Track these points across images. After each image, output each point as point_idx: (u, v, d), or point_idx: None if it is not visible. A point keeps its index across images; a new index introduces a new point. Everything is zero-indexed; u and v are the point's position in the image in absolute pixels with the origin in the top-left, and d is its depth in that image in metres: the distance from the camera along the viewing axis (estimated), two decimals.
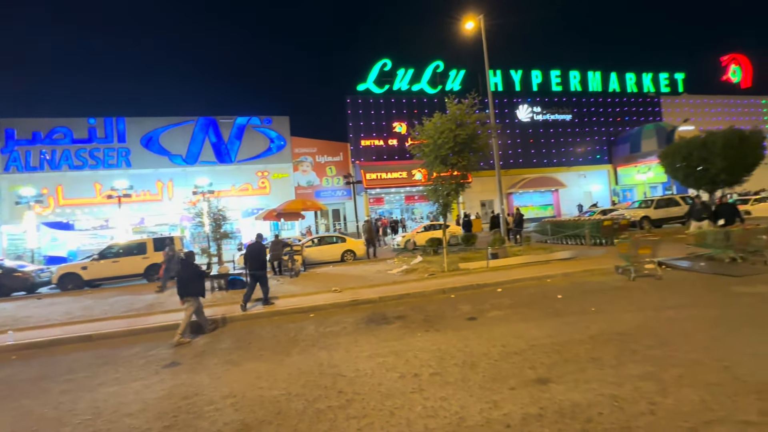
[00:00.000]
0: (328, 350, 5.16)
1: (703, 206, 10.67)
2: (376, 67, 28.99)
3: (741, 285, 6.65)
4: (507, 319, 5.91)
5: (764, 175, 32.35)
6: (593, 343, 4.52)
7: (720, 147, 12.82)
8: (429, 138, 11.34)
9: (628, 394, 3.28)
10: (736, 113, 35.38)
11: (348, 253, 15.58)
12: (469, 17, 15.87)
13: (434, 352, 4.70)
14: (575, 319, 5.55)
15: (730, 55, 36.47)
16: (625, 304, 6.14)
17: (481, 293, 7.83)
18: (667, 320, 5.15)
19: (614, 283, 7.65)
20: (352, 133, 28.55)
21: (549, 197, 32.19)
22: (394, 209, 31.97)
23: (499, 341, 4.86)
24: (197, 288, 6.54)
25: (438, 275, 9.64)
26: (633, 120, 33.66)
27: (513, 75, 31.75)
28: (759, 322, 4.80)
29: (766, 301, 5.66)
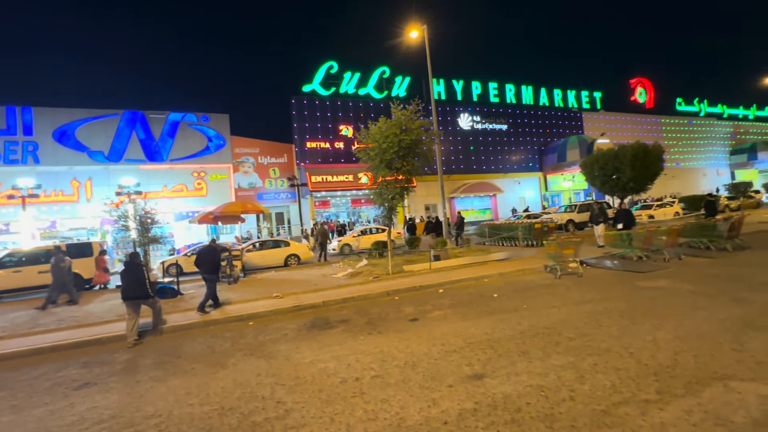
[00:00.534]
0: (267, 359, 4.95)
1: (600, 211, 12.01)
2: (322, 69, 28.66)
3: (644, 280, 7.56)
4: (447, 318, 6.12)
5: (665, 184, 37.29)
6: (523, 338, 4.85)
7: (629, 158, 14.55)
8: (375, 142, 11.45)
9: (552, 383, 3.55)
10: (642, 129, 40.37)
11: (292, 258, 15.15)
12: (413, 26, 16.33)
13: (376, 354, 4.72)
14: (508, 316, 5.92)
15: (637, 79, 41.58)
16: (552, 300, 6.68)
17: (424, 294, 8.05)
18: (585, 313, 5.69)
19: (543, 281, 8.29)
20: (297, 135, 27.88)
21: (488, 202, 34.09)
22: (340, 212, 31.77)
23: (439, 340, 5.02)
24: (143, 290, 6.43)
25: (383, 278, 9.73)
26: (560, 132, 36.92)
27: (455, 85, 33.24)
28: (658, 312, 5.48)
29: (663, 293, 6.48)
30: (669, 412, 2.93)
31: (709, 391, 3.21)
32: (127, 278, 6.43)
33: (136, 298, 6.36)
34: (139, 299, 6.39)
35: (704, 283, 6.94)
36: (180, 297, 10.01)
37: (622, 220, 10.98)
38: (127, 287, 6.39)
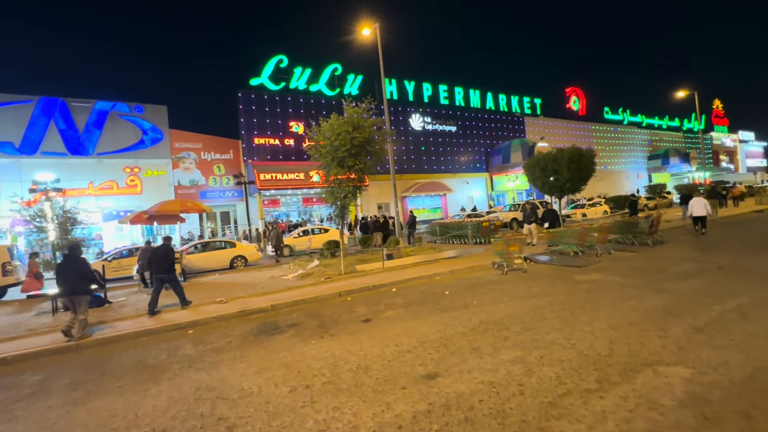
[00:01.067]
0: (208, 371, 4.56)
1: (532, 211, 12.79)
2: (271, 63, 27.58)
3: (581, 274, 8.12)
4: (400, 318, 6.08)
5: (595, 186, 40.74)
6: (474, 334, 4.94)
7: (566, 161, 15.65)
8: (326, 139, 11.18)
9: (502, 379, 3.62)
10: (576, 135, 43.82)
11: (239, 260, 14.37)
12: (365, 24, 16.21)
13: (328, 359, 4.54)
14: (459, 313, 6.02)
15: (571, 88, 45.04)
16: (500, 295, 6.92)
17: (377, 294, 7.97)
18: (531, 308, 5.95)
19: (491, 278, 8.59)
20: (244, 130, 26.56)
21: (438, 201, 35.01)
22: (291, 212, 30.83)
23: (393, 341, 4.95)
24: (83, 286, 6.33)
25: (335, 278, 9.51)
26: (504, 135, 38.92)
27: (407, 85, 33.69)
28: (594, 304, 5.87)
29: (598, 286, 6.98)
30: (608, 400, 3.10)
31: (641, 377, 3.45)
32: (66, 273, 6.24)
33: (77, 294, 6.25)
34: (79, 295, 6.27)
35: (631, 275, 7.59)
36: (108, 306, 9.03)
37: (548, 219, 11.81)
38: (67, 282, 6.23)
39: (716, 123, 58.58)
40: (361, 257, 12.33)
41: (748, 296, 5.54)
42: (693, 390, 3.13)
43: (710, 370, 3.43)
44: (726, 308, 5.10)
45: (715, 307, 5.17)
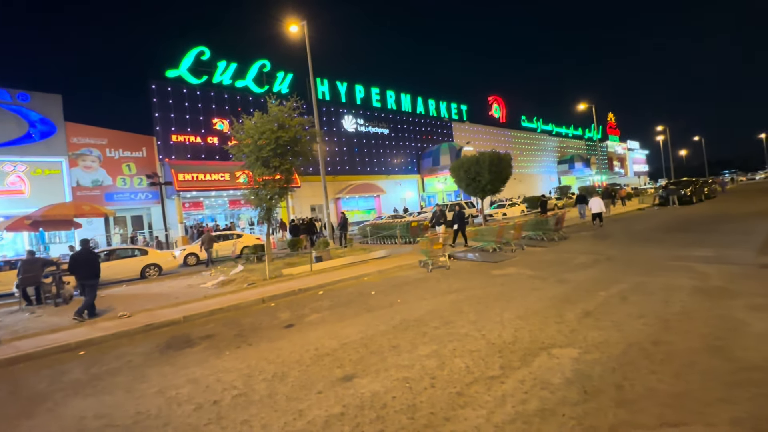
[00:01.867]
0: (100, 396, 4.02)
1: (441, 213, 13.44)
2: (191, 54, 25.52)
3: (497, 269, 8.74)
4: (325, 321, 5.97)
5: (514, 187, 44.31)
6: (395, 332, 5.02)
7: (487, 164, 16.78)
8: (249, 138, 10.64)
9: (416, 374, 3.71)
10: (498, 140, 47.40)
11: (151, 268, 13.01)
12: (293, 21, 15.77)
13: (242, 370, 4.27)
14: (384, 312, 6.08)
15: (493, 96, 48.65)
16: (423, 293, 7.15)
17: (303, 298, 7.75)
18: (450, 303, 6.23)
19: (417, 276, 8.86)
20: (159, 126, 24.20)
21: (372, 202, 35.35)
22: (217, 215, 28.86)
23: (313, 345, 4.83)
24: None
25: (259, 284, 9.05)
26: (434, 138, 40.64)
27: (339, 86, 33.51)
28: (506, 296, 6.34)
29: (511, 279, 7.56)
30: (508, 384, 3.33)
31: (538, 360, 3.78)
32: None
33: None
34: None
35: (540, 268, 8.35)
36: None
37: (456, 221, 12.48)
38: None
39: (610, 133, 67.55)
40: (290, 260, 11.91)
41: (629, 282, 6.41)
42: (578, 368, 3.51)
43: (593, 349, 3.88)
44: (610, 293, 5.84)
45: (602, 293, 5.89)
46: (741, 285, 5.59)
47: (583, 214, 18.16)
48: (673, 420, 2.63)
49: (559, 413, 2.82)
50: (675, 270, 6.93)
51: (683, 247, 9.13)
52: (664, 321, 4.45)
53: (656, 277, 6.52)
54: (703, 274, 6.43)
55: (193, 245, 16.14)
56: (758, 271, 6.31)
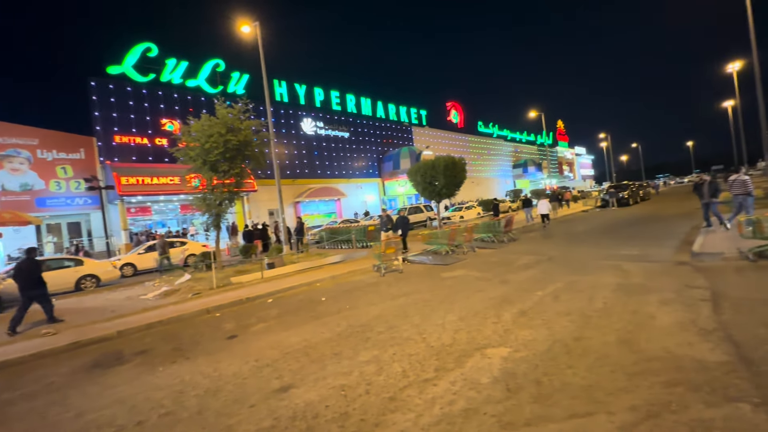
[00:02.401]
0: (10, 423, 3.67)
1: (388, 219, 12.98)
2: (136, 50, 24.09)
3: (447, 271, 8.99)
4: (270, 330, 5.85)
5: (472, 190, 45.78)
6: (339, 339, 5.02)
7: (442, 168, 17.24)
8: (196, 141, 10.23)
9: (353, 381, 3.74)
10: (456, 145, 48.81)
11: (88, 279, 12.07)
12: (245, 21, 15.35)
13: (174, 387, 4.08)
14: (331, 318, 6.06)
15: (452, 102, 50.10)
16: (373, 297, 7.20)
17: (251, 307, 7.54)
18: (398, 307, 6.33)
19: (370, 280, 8.90)
20: (100, 126, 22.59)
21: (333, 206, 35.06)
22: (168, 220, 27.41)
23: (254, 356, 4.72)
24: None
25: (205, 293, 8.68)
26: (395, 142, 41.13)
27: (298, 89, 33.02)
28: (451, 298, 6.54)
29: (458, 281, 7.81)
30: (440, 386, 3.45)
31: (472, 360, 3.94)
32: None
33: None
34: None
35: (486, 269, 8.70)
36: None
37: (400, 226, 12.26)
38: None
39: (560, 139, 71.80)
40: (241, 268, 11.53)
41: (563, 281, 6.84)
42: (506, 367, 3.70)
43: (522, 347, 4.11)
44: (546, 293, 6.20)
45: (538, 293, 6.24)
46: (657, 281, 6.16)
47: (529, 218, 19.08)
48: (582, 411, 2.85)
49: (482, 412, 2.97)
50: (604, 269, 7.49)
51: (615, 247, 9.90)
52: (587, 318, 4.80)
53: (587, 276, 7.02)
54: (627, 272, 7.01)
55: (130, 254, 15.14)
56: (674, 268, 6.98)
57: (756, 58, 19.55)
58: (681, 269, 6.82)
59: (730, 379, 3.03)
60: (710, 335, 3.88)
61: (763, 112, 19.99)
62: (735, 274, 6.02)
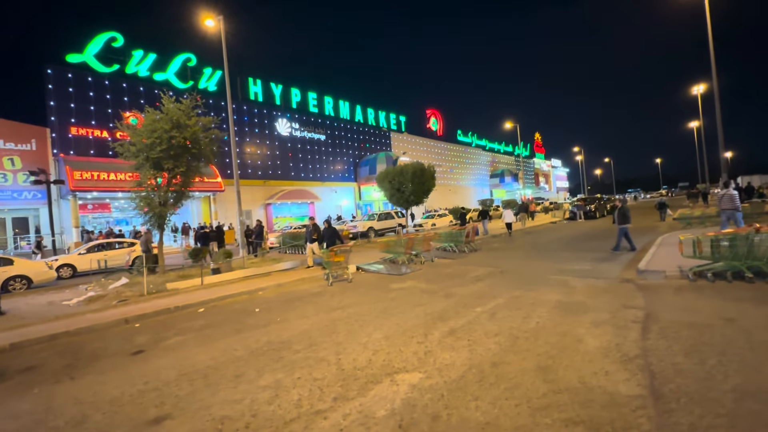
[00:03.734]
0: None
1: (314, 228, 11.54)
2: (99, 39, 23.06)
3: (397, 282, 8.66)
4: (183, 345, 5.34)
5: (450, 198, 45.96)
6: (249, 358, 4.57)
7: (410, 176, 17.05)
8: (137, 137, 9.61)
9: (238, 411, 3.31)
10: (435, 152, 49.01)
11: (17, 281, 11.15)
12: (208, 15, 14.77)
13: (35, 414, 3.54)
14: (253, 333, 5.60)
15: (431, 110, 50.34)
16: (309, 309, 6.77)
17: (177, 317, 6.97)
18: (330, 321, 5.92)
19: (315, 290, 8.46)
20: (55, 116, 21.37)
21: (306, 209, 34.38)
22: (130, 218, 26.21)
23: (145, 378, 4.21)
24: None
25: (133, 300, 8.04)
26: (372, 147, 40.86)
27: (273, 88, 32.37)
28: (388, 312, 6.19)
29: (404, 293, 7.48)
30: (329, 420, 3.06)
31: (378, 388, 3.57)
32: None
33: None
34: None
35: (436, 281, 8.41)
36: None
37: (327, 238, 10.80)
38: None
39: (537, 151, 73.39)
40: (186, 272, 10.87)
41: (506, 297, 6.61)
42: (410, 397, 3.35)
43: (436, 373, 3.78)
44: (485, 309, 5.94)
45: (477, 309, 5.97)
46: (597, 300, 5.99)
47: (485, 230, 18.84)
48: None
49: None
50: (551, 284, 7.32)
51: (569, 261, 9.82)
52: (514, 339, 4.53)
53: (532, 291, 6.81)
54: (572, 289, 6.84)
55: (70, 255, 14.14)
56: (617, 286, 6.86)
57: (716, 82, 20.33)
58: (624, 287, 6.70)
59: (635, 417, 2.78)
60: (630, 363, 3.65)
61: (721, 135, 20.78)
62: (673, 294, 5.92)
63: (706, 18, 19.29)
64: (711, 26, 19.38)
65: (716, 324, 4.42)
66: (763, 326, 4.22)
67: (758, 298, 5.27)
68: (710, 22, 19.40)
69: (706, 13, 19.33)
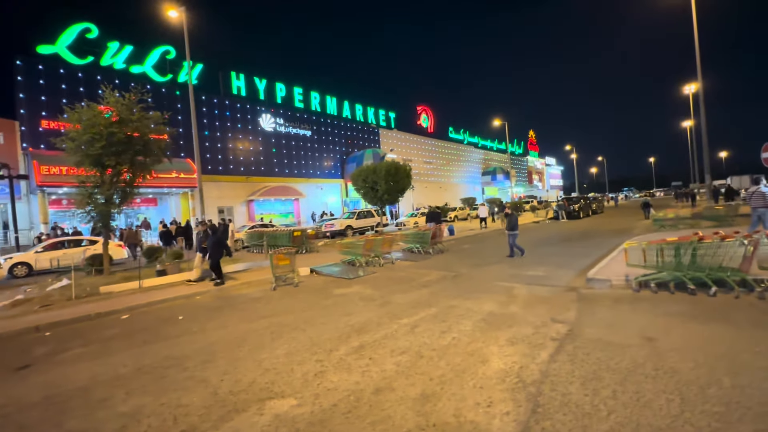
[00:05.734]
0: None
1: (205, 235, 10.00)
2: (72, 30, 22.47)
3: (344, 287, 8.29)
4: (77, 359, 4.96)
5: (440, 196, 45.57)
6: (131, 377, 4.20)
7: (383, 174, 16.63)
8: (74, 132, 9.19)
9: None
10: (425, 149, 48.56)
11: None
12: (171, 6, 14.28)
13: None
14: (160, 345, 5.23)
15: (422, 107, 49.80)
16: (234, 318, 6.40)
17: (95, 325, 6.59)
18: (245, 332, 5.55)
19: (255, 295, 8.09)
20: (24, 109, 20.82)
21: (290, 206, 33.97)
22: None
23: (3, 401, 3.84)
24: None
25: (58, 305, 7.65)
26: (360, 144, 40.37)
27: (257, 83, 31.81)
28: (310, 323, 5.81)
29: (342, 301, 7.10)
30: None
31: (239, 418, 3.21)
32: None
33: None
34: None
35: (382, 287, 8.05)
36: None
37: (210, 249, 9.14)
38: None
39: (531, 149, 72.99)
40: (131, 274, 10.45)
41: (442, 306, 6.25)
42: (265, 430, 2.99)
43: (311, 400, 3.42)
44: (411, 320, 5.58)
45: (403, 320, 5.61)
46: (530, 311, 5.64)
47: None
48: None
49: None
50: (495, 291, 6.97)
51: (527, 265, 9.48)
52: (418, 358, 4.18)
53: (470, 300, 6.46)
54: (512, 297, 6.49)
55: (26, 253, 13.68)
56: (560, 295, 6.51)
57: (701, 81, 19.98)
58: (564, 297, 6.35)
59: None
60: (522, 391, 3.30)
61: (705, 139, 20.48)
62: (608, 307, 5.58)
63: (693, 20, 18.90)
64: (697, 29, 18.97)
65: (633, 345, 4.08)
66: (677, 349, 3.87)
67: (689, 314, 4.93)
68: (696, 24, 18.99)
69: (693, 15, 18.95)
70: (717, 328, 4.35)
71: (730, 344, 3.90)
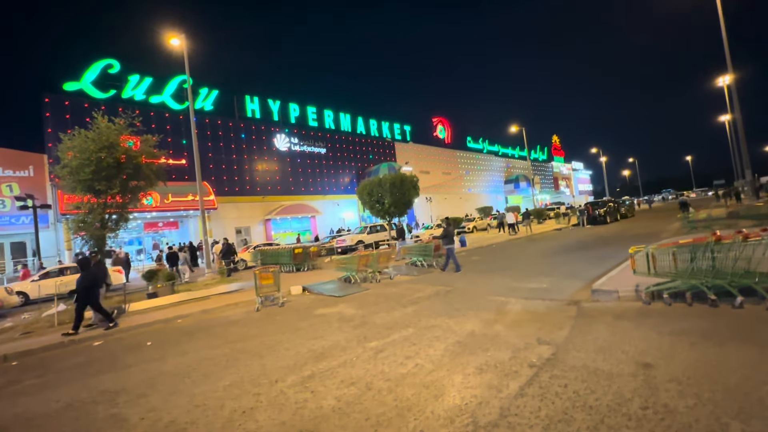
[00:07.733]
0: None
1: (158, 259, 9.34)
2: (96, 67, 23.89)
3: (329, 306, 7.77)
4: (21, 393, 4.69)
5: (461, 206, 44.52)
6: (54, 416, 3.85)
7: (388, 187, 16.17)
8: (65, 159, 9.39)
9: None
10: (442, 160, 47.85)
11: None
12: (172, 34, 14.76)
13: None
14: (109, 377, 4.89)
15: (438, 118, 49.38)
16: (201, 343, 6.02)
17: (64, 353, 6.38)
18: (202, 360, 5.14)
19: (236, 317, 7.71)
20: (52, 143, 22.06)
21: (307, 223, 34.08)
22: (134, 238, 27.03)
23: None
24: None
25: (39, 332, 7.58)
26: (376, 158, 40.30)
27: (271, 104, 32.56)
28: (271, 350, 5.31)
29: (318, 322, 6.58)
30: None
31: None
32: None
33: None
34: None
35: (368, 305, 7.46)
36: None
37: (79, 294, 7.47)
38: None
39: (555, 154, 70.53)
40: (129, 297, 10.41)
41: (420, 326, 5.60)
42: None
43: None
44: (379, 344, 4.98)
45: (371, 344, 5.03)
46: (516, 331, 4.90)
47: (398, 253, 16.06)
48: None
49: None
50: (485, 308, 6.24)
51: (530, 277, 8.62)
52: (365, 391, 3.58)
53: (454, 319, 5.77)
54: (501, 314, 5.75)
55: (23, 282, 13.87)
56: (558, 310, 5.70)
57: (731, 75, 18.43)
58: (562, 312, 5.54)
59: None
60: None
61: (742, 131, 18.75)
62: (607, 324, 4.74)
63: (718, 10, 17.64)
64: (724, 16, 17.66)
65: (624, 374, 3.30)
66: (678, 379, 3.07)
67: (703, 332, 4.05)
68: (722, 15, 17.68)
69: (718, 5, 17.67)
70: (734, 351, 3.48)
71: (747, 372, 3.05)
